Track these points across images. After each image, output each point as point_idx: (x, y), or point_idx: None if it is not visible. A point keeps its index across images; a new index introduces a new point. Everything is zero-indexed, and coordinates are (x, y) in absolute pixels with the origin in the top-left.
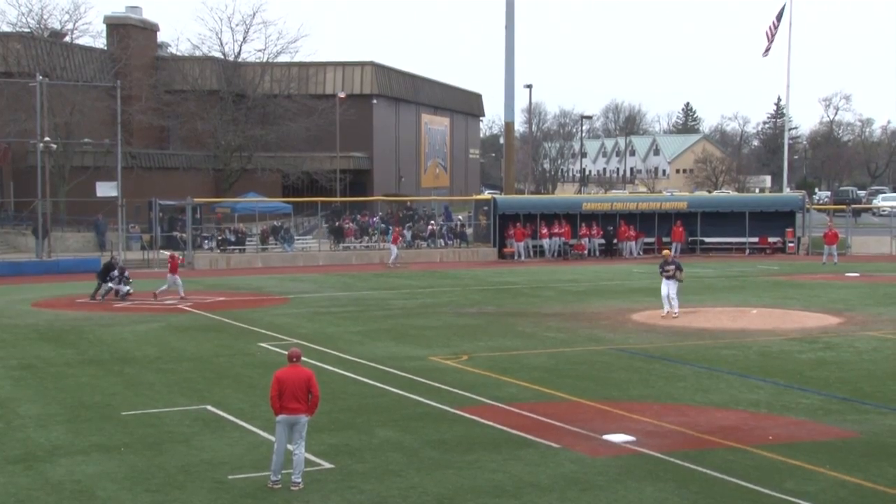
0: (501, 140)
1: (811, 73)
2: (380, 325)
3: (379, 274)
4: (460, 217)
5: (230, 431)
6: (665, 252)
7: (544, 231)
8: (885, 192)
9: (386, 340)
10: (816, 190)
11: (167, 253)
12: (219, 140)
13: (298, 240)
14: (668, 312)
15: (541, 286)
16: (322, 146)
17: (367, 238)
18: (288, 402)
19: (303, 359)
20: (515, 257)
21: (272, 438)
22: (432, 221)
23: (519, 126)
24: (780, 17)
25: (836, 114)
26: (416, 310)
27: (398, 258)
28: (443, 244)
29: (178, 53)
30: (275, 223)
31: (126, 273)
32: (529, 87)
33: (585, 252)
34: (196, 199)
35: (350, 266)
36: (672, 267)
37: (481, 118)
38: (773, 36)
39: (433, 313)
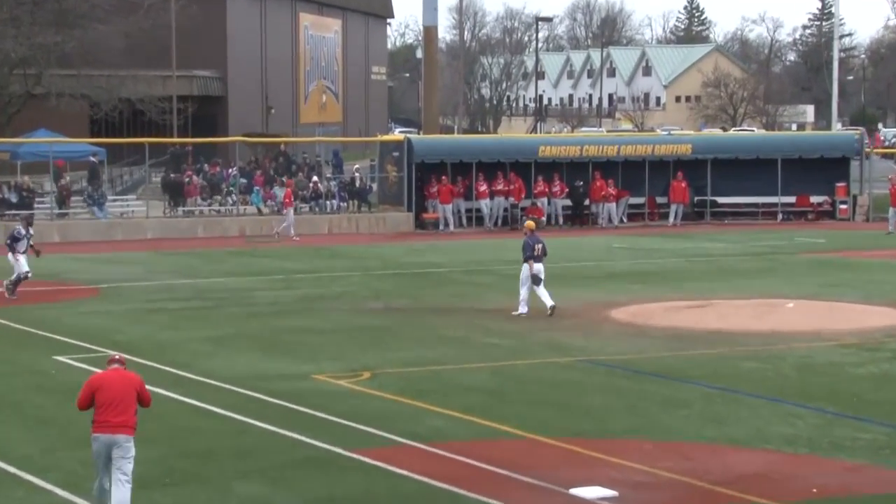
0: (419, 54)
1: None
2: (240, 329)
3: (238, 251)
4: (358, 168)
5: (9, 489)
6: (529, 224)
7: (483, 188)
8: None
9: (249, 351)
10: (880, 126)
11: None
12: None
13: (115, 201)
14: (523, 315)
15: (478, 269)
16: (150, 61)
17: (219, 199)
18: (109, 415)
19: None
20: (441, 227)
21: (75, 501)
22: (315, 177)
23: (445, 33)
24: None
25: None
26: (293, 305)
27: (292, 227)
28: (333, 208)
29: None
30: (81, 180)
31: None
32: None
33: (543, 219)
34: None
35: (194, 240)
36: (541, 246)
37: (389, 21)
38: None
39: (319, 311)
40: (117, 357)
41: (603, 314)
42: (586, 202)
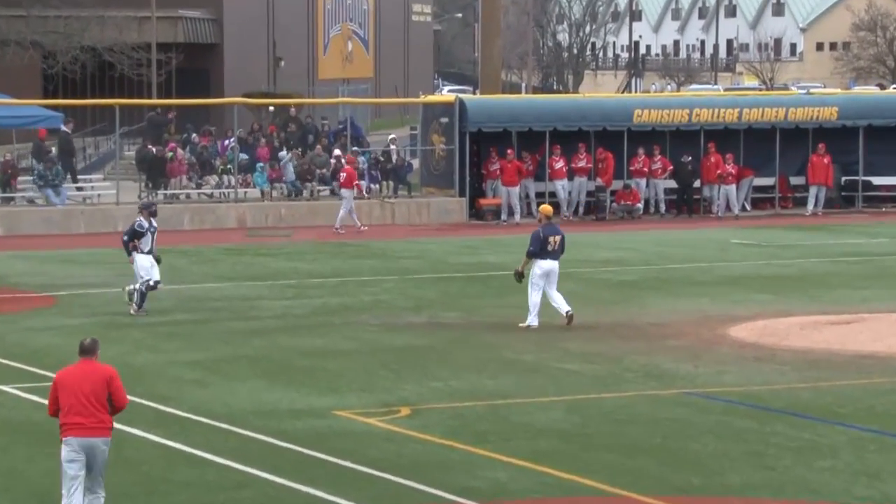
0: None
1: None
2: (238, 350)
3: (237, 249)
4: (393, 139)
5: None
6: (544, 209)
7: (559, 165)
8: None
9: (251, 379)
10: None
11: None
12: None
13: (75, 185)
14: (532, 328)
15: None
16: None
17: (212, 179)
18: (74, 416)
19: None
20: (503, 217)
21: None
22: (338, 149)
23: None
24: None
25: None
26: (308, 320)
27: (351, 215)
28: (361, 192)
29: None
30: (35, 159)
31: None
32: None
33: (640, 205)
34: None
35: (179, 234)
36: (559, 239)
37: None
38: None
39: (342, 326)
40: (87, 343)
41: (718, 332)
42: (697, 184)
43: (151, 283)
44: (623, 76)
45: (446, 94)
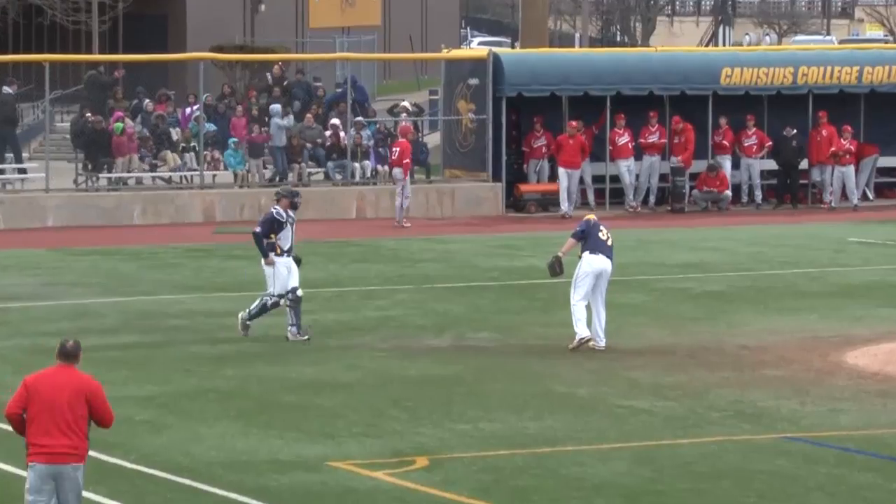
0: None
1: None
2: (204, 382)
3: (202, 249)
4: (406, 106)
5: None
6: (590, 216)
7: (622, 141)
8: None
9: (221, 420)
10: None
11: None
12: None
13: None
14: (586, 341)
15: (615, 280)
16: None
17: (170, 159)
18: (47, 436)
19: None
20: (564, 207)
21: None
22: (336, 119)
23: None
24: None
25: None
26: (296, 343)
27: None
28: (365, 174)
29: None
30: None
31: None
32: None
33: (728, 193)
34: None
35: (128, 230)
36: (608, 239)
37: None
38: None
39: (341, 351)
40: (70, 345)
41: (831, 359)
42: (803, 164)
43: (290, 295)
44: (708, 24)
45: (477, 47)
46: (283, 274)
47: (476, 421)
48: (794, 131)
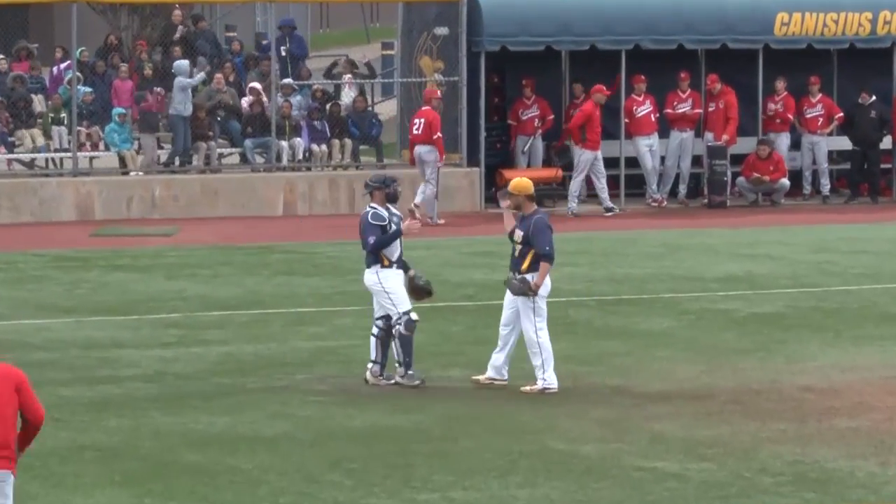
0: None
1: None
2: (81, 437)
3: (78, 258)
4: (349, 62)
5: None
6: (518, 185)
7: (642, 111)
8: None
9: (103, 488)
10: None
11: None
12: None
13: None
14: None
15: (629, 299)
16: None
17: (32, 136)
18: None
19: None
20: (572, 204)
21: None
22: (256, 83)
23: None
24: None
25: None
26: (202, 381)
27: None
28: (294, 155)
29: None
30: None
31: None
32: None
33: (785, 181)
34: None
35: None
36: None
37: None
38: None
39: (262, 394)
40: None
41: None
42: (885, 142)
43: (412, 316)
44: None
45: None
46: (401, 291)
47: (445, 489)
48: (874, 98)
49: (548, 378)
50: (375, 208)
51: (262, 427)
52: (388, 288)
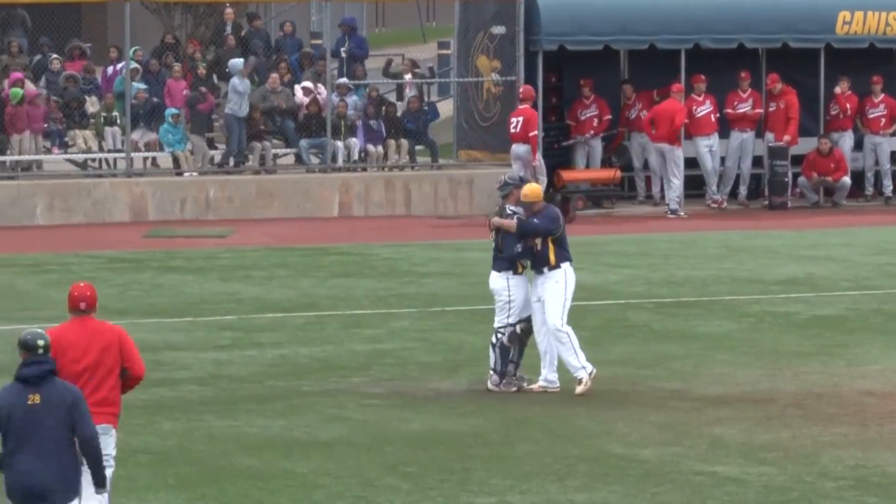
0: None
1: None
2: (133, 440)
3: (131, 259)
4: (405, 65)
5: None
6: (530, 191)
7: (702, 111)
8: None
9: (157, 491)
10: None
11: None
12: None
13: None
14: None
15: (691, 301)
16: None
17: (85, 137)
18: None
19: None
20: (673, 205)
21: None
22: (308, 81)
23: None
24: None
25: None
26: (256, 385)
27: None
28: (349, 155)
29: None
30: None
31: None
32: None
33: (847, 180)
34: None
35: (27, 232)
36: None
37: None
38: None
39: (316, 397)
40: (85, 296)
41: None
42: None
43: (523, 325)
44: None
45: None
46: (522, 298)
47: (503, 493)
48: None
49: (549, 378)
50: (512, 211)
51: (317, 430)
52: (513, 296)
